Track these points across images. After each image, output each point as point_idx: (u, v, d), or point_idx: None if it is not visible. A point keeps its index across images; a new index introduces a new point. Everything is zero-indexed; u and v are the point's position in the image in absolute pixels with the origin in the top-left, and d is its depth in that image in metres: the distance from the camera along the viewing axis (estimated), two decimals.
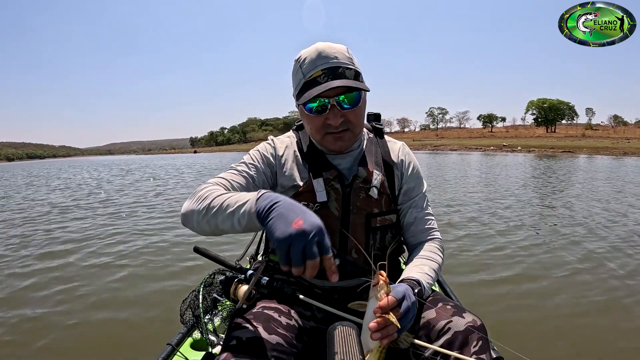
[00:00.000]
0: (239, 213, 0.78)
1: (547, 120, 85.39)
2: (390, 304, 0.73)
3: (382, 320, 0.72)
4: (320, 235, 0.68)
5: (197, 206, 0.87)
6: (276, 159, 1.10)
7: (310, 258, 0.66)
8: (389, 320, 0.72)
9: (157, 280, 3.41)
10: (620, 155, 29.43)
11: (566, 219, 5.58)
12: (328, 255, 0.69)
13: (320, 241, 0.68)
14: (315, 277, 0.68)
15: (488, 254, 3.91)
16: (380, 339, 0.72)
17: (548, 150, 37.33)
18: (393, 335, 0.73)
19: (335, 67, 0.96)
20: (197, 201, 0.88)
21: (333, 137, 1.01)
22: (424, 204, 1.14)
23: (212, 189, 0.91)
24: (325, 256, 0.69)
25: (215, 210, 0.83)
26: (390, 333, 0.73)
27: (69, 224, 6.15)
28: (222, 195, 0.85)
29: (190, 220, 0.90)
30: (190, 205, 0.90)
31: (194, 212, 0.88)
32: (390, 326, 0.72)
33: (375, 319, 0.72)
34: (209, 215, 0.85)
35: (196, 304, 1.00)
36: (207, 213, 0.85)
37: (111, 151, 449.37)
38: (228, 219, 0.81)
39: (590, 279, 3.20)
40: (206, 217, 0.85)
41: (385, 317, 0.72)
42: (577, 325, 2.43)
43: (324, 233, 0.70)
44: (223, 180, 1.00)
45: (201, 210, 0.86)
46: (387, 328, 0.72)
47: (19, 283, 3.41)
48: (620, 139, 48.44)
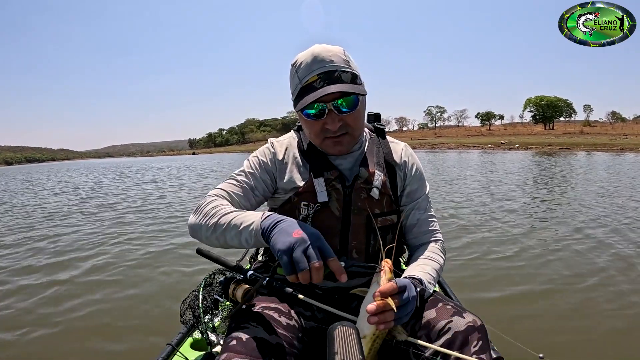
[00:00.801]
0: (246, 233, 0.84)
1: (545, 118, 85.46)
2: (392, 290, 0.75)
3: (381, 304, 0.73)
4: (320, 242, 0.74)
5: (204, 222, 0.93)
6: (276, 163, 1.10)
7: (312, 260, 0.71)
8: (387, 305, 0.73)
9: (157, 281, 3.41)
10: (619, 151, 29.50)
11: (569, 218, 5.59)
12: (332, 257, 0.73)
13: (321, 246, 0.74)
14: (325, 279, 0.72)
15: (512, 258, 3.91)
16: (376, 323, 0.72)
17: (546, 148, 37.37)
18: (390, 323, 0.74)
19: (331, 72, 0.95)
20: (204, 217, 0.94)
21: (332, 142, 1.01)
22: (426, 205, 1.15)
23: (217, 205, 0.95)
24: (330, 259, 0.73)
25: (223, 229, 0.89)
26: (387, 319, 0.73)
27: (66, 227, 6.14)
28: (229, 214, 0.90)
29: (198, 234, 0.96)
30: (197, 220, 0.95)
31: (202, 228, 0.93)
32: (388, 312, 0.73)
33: (374, 302, 0.73)
34: (218, 233, 0.90)
35: (196, 304, 1.00)
36: (216, 230, 0.91)
37: (110, 154, 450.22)
38: (236, 237, 0.87)
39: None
40: (215, 234, 0.91)
41: (384, 300, 0.73)
42: (577, 325, 2.42)
43: (323, 240, 0.76)
44: (224, 192, 1.03)
45: (209, 227, 0.92)
46: (385, 314, 0.73)
47: (17, 279, 3.42)
48: (619, 136, 48.54)
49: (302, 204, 1.03)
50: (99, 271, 3.75)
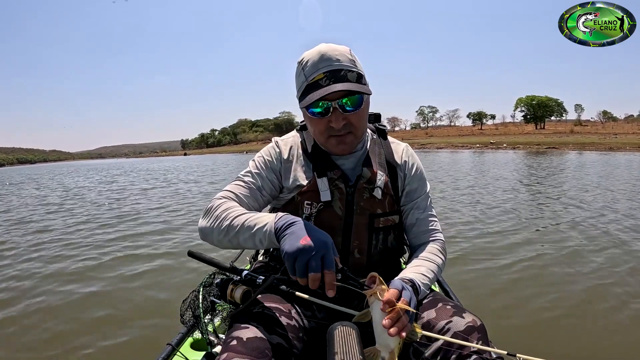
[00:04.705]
0: (260, 234, 0.86)
1: (535, 117, 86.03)
2: (395, 295, 0.75)
3: (394, 313, 0.73)
4: (325, 251, 0.76)
5: (216, 225, 0.94)
6: (281, 162, 1.10)
7: (312, 271, 0.73)
8: (400, 311, 0.73)
9: (157, 281, 3.40)
10: (606, 150, 29.77)
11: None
12: (330, 270, 0.75)
13: (325, 256, 0.75)
14: (321, 289, 0.74)
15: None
16: (398, 332, 0.72)
17: (533, 147, 37.58)
18: (408, 326, 0.74)
19: (338, 70, 0.96)
20: (216, 220, 0.95)
21: (336, 140, 1.02)
22: (426, 205, 1.15)
23: (227, 207, 0.96)
24: (327, 271, 0.75)
25: (237, 231, 0.91)
26: (405, 323, 0.73)
27: (67, 227, 6.09)
28: (241, 216, 0.92)
29: (210, 237, 0.97)
30: (208, 224, 0.96)
31: (214, 231, 0.95)
32: (403, 317, 0.73)
33: (387, 315, 0.72)
34: (231, 235, 0.92)
35: (196, 304, 1.00)
36: (229, 233, 0.92)
37: (102, 155, 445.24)
38: (250, 239, 0.89)
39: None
40: (228, 237, 0.93)
41: (395, 308, 0.73)
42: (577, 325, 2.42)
43: (330, 249, 0.77)
44: (232, 194, 1.03)
45: (222, 229, 0.93)
46: (401, 319, 0.73)
47: (16, 282, 3.38)
48: (609, 135, 49.05)
49: (306, 203, 1.04)
50: (98, 272, 3.72)
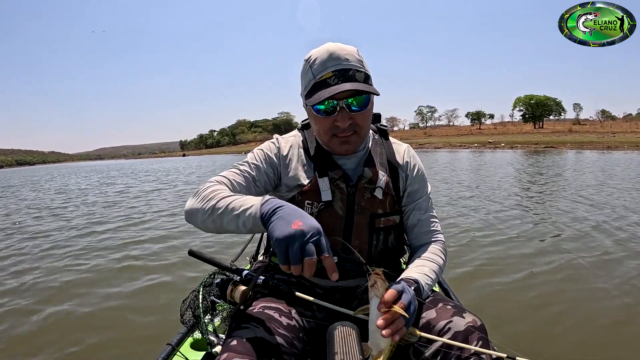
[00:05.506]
0: (245, 216, 0.82)
1: (534, 117, 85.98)
2: (394, 297, 0.74)
3: (389, 315, 0.72)
4: (318, 236, 0.72)
5: (202, 205, 0.90)
6: (280, 159, 1.10)
7: (307, 256, 0.69)
8: (396, 314, 0.72)
9: (157, 281, 3.40)
10: (604, 149, 29.73)
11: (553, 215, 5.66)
12: (326, 254, 0.71)
13: (318, 241, 0.71)
14: (317, 276, 0.70)
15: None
16: (391, 334, 0.71)
17: (531, 146, 37.53)
18: (403, 330, 0.73)
19: (346, 69, 0.96)
20: (202, 201, 0.91)
21: (340, 140, 1.02)
22: (427, 206, 1.15)
23: (216, 189, 0.93)
24: (324, 255, 0.71)
25: (220, 212, 0.87)
26: (399, 327, 0.73)
27: (68, 227, 6.08)
28: (227, 198, 0.88)
29: (194, 218, 0.93)
30: (194, 204, 0.93)
31: (199, 211, 0.91)
32: (398, 320, 0.73)
33: (382, 315, 0.72)
34: (215, 216, 0.88)
35: (196, 304, 1.00)
36: (213, 213, 0.88)
37: (101, 156, 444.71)
38: (233, 220, 0.85)
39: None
40: (212, 217, 0.89)
41: (391, 310, 0.72)
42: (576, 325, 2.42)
43: (322, 234, 0.73)
44: (225, 179, 1.01)
45: (207, 210, 0.89)
46: (396, 322, 0.72)
47: (25, 277, 3.39)
48: (607, 133, 48.98)
49: (306, 202, 1.04)
50: (98, 272, 3.73)
